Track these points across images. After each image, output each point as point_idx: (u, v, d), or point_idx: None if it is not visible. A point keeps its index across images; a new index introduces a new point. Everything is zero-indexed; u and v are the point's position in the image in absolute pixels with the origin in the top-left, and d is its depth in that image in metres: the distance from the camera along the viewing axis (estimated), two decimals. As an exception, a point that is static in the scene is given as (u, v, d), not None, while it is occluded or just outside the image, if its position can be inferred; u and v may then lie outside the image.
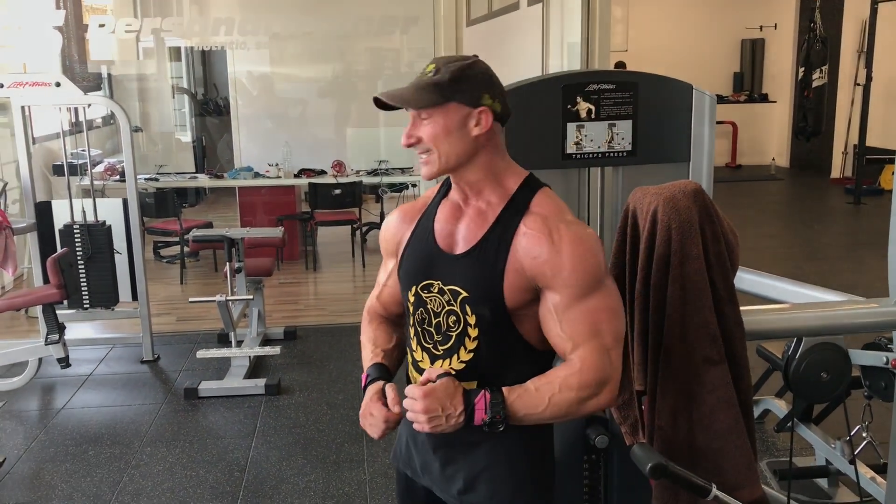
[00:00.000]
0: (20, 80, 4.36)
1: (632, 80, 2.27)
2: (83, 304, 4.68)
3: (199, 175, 7.41)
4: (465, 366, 1.58)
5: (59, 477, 3.44)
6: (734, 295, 1.79)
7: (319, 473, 3.43)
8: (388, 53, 9.67)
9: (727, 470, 1.73)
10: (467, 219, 1.58)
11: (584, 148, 2.27)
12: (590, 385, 1.48)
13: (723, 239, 1.78)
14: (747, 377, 1.80)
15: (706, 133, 2.33)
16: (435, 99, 1.50)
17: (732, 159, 12.60)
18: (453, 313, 1.57)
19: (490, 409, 1.46)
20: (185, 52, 10.13)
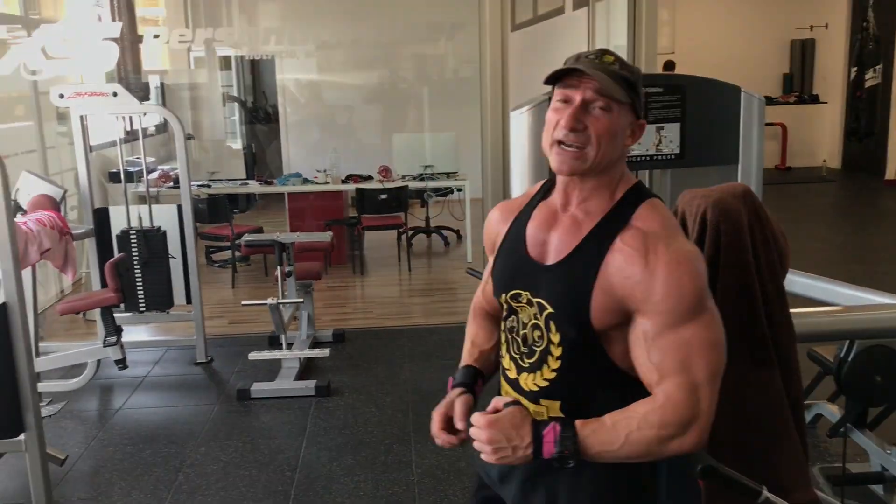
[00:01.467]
0: (79, 91, 4.50)
1: (679, 83, 2.28)
2: (139, 308, 4.81)
3: (250, 181, 7.53)
4: (549, 384, 1.49)
5: (118, 475, 3.54)
6: (784, 297, 1.79)
7: (368, 474, 3.48)
8: (434, 59, 9.74)
9: (778, 472, 1.73)
10: (561, 227, 1.48)
11: (631, 151, 2.28)
12: (672, 424, 1.34)
13: (772, 241, 1.78)
14: (798, 380, 1.80)
15: (755, 135, 2.33)
16: (621, 94, 1.40)
17: (782, 161, 12.40)
18: (538, 328, 1.49)
19: (559, 444, 1.35)
20: (235, 61, 10.33)
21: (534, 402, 1.50)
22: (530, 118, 2.25)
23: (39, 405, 2.95)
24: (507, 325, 1.56)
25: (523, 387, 1.53)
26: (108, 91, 4.52)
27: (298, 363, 4.59)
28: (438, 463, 3.54)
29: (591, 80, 1.39)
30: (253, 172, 7.99)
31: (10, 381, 2.79)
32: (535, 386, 1.50)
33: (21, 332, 2.78)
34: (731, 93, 2.32)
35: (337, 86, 9.62)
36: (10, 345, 2.78)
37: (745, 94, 2.31)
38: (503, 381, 1.60)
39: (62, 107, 4.73)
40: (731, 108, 2.32)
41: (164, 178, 7.13)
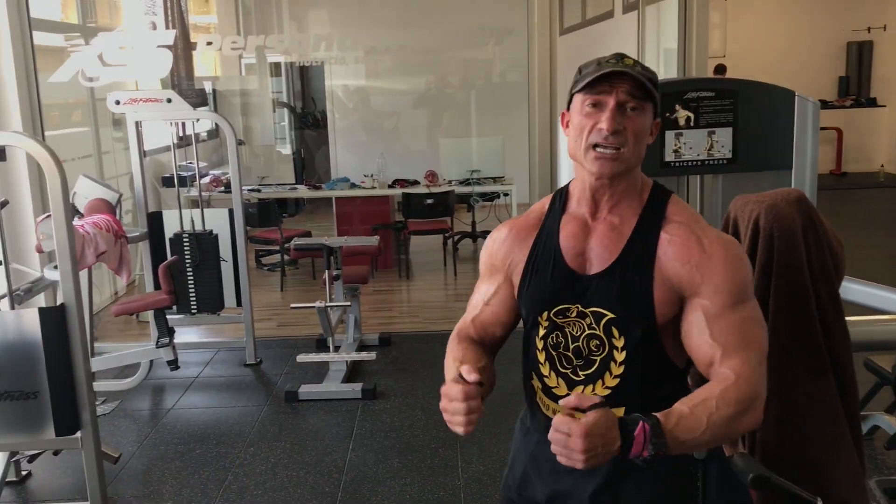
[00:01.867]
0: (135, 97, 4.61)
1: (732, 88, 2.25)
2: (191, 310, 4.90)
3: (299, 186, 7.62)
4: (610, 391, 1.48)
5: (169, 473, 3.60)
6: (839, 304, 1.75)
7: (415, 477, 3.49)
8: (481, 64, 9.75)
9: (833, 484, 1.69)
10: (599, 234, 1.49)
11: (682, 156, 2.26)
12: (746, 399, 1.36)
13: (827, 247, 1.75)
14: (854, 389, 1.77)
15: (809, 140, 2.29)
16: (650, 94, 1.43)
17: (837, 166, 12.12)
18: (596, 337, 1.48)
19: (651, 443, 1.31)
20: (284, 67, 10.47)
21: None
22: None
23: (95, 404, 3.01)
24: (548, 343, 1.53)
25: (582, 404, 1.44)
26: (162, 97, 4.62)
27: (345, 366, 4.62)
28: (485, 468, 3.54)
29: (623, 83, 1.41)
30: (302, 177, 8.07)
31: (67, 380, 2.85)
32: (596, 395, 1.46)
33: (78, 332, 2.84)
34: (784, 97, 2.28)
35: (384, 91, 9.69)
36: (68, 345, 2.84)
37: (800, 98, 2.27)
38: (546, 399, 1.56)
39: (118, 113, 4.84)
40: (784, 112, 2.28)
41: (216, 183, 7.26)
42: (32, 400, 2.85)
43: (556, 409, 1.52)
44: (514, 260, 1.57)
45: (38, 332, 2.81)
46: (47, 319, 2.81)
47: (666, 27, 5.57)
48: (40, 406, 2.85)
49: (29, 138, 2.73)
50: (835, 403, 1.69)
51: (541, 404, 1.58)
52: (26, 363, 2.83)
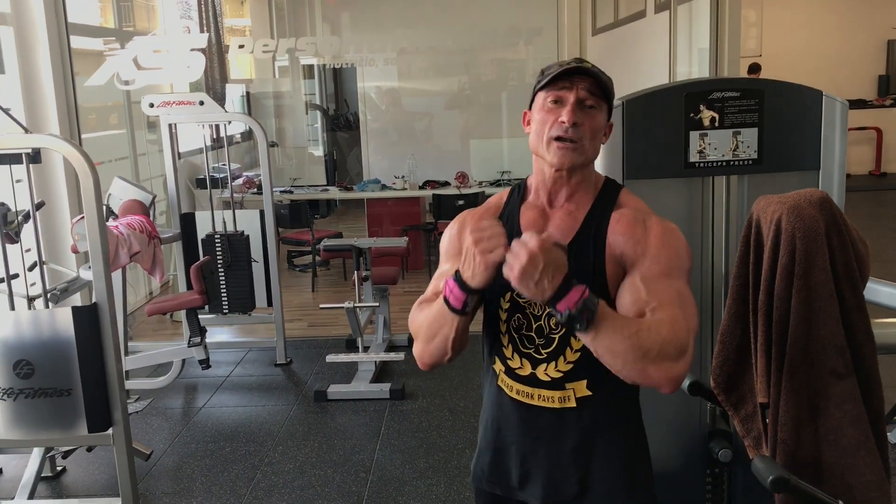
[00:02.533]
0: (168, 100, 4.68)
1: (757, 88, 2.23)
2: (223, 310, 4.96)
3: (330, 187, 7.68)
4: (572, 366, 1.56)
5: (199, 471, 3.66)
6: (864, 306, 1.73)
7: (441, 478, 3.50)
8: (513, 64, 9.73)
9: (855, 488, 1.67)
10: (556, 220, 1.60)
11: (707, 156, 2.24)
12: (674, 342, 1.38)
13: (851, 248, 1.73)
14: (879, 392, 1.74)
15: (837, 140, 2.26)
16: (607, 94, 1.57)
17: (876, 167, 11.91)
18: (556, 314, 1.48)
19: (582, 302, 1.35)
20: (317, 69, 10.55)
21: (559, 389, 1.58)
22: (602, 123, 2.23)
23: (126, 402, 3.07)
24: (511, 326, 1.60)
25: (543, 378, 1.59)
26: (194, 100, 4.69)
27: (374, 366, 4.65)
28: (471, 483, 3.53)
29: (583, 81, 1.54)
30: (334, 179, 8.13)
31: (99, 378, 2.91)
32: (559, 372, 1.58)
33: (110, 331, 2.90)
34: (812, 97, 2.25)
35: (416, 92, 9.71)
36: (100, 343, 2.89)
37: (827, 98, 2.24)
38: (509, 380, 1.62)
39: (152, 115, 4.92)
40: (812, 112, 2.24)
41: (249, 184, 7.33)
42: (66, 397, 2.91)
43: (519, 389, 1.61)
44: None
45: (71, 331, 2.86)
46: (80, 318, 2.87)
47: (698, 26, 5.51)
48: (73, 403, 2.91)
49: (63, 140, 2.78)
50: (857, 405, 1.66)
51: (503, 386, 1.65)
52: (60, 361, 2.88)
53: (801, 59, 11.95)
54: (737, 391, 1.91)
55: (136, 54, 5.11)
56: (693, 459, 2.43)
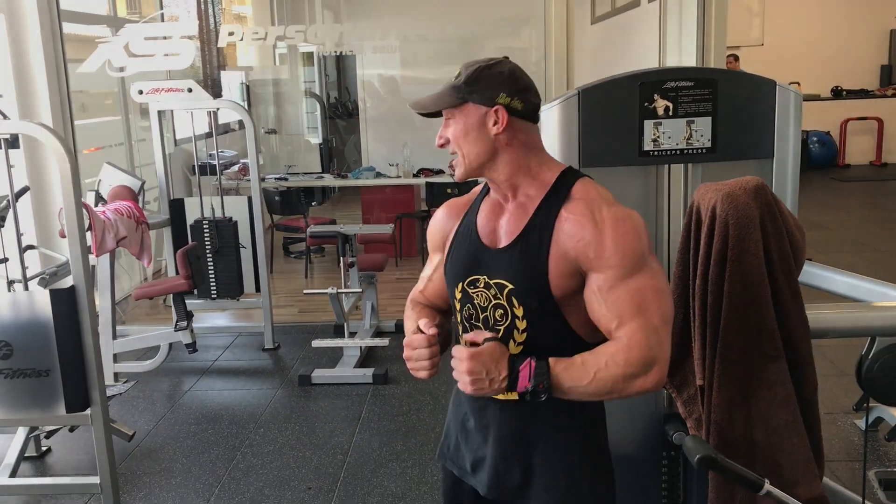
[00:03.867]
0: (157, 87, 4.74)
1: (711, 77, 2.26)
2: (211, 295, 5.03)
3: (325, 175, 7.73)
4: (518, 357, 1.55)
5: (181, 452, 3.73)
6: (798, 291, 1.77)
7: (416, 460, 3.56)
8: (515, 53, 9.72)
9: (784, 466, 1.72)
10: (508, 213, 1.60)
11: (661, 145, 2.28)
12: (636, 363, 1.44)
13: (787, 235, 1.77)
14: (811, 374, 1.78)
15: (791, 130, 2.29)
16: (450, 101, 1.55)
17: (877, 157, 11.88)
18: (500, 307, 1.58)
19: (534, 378, 1.45)
20: (317, 57, 10.58)
21: None
22: (560, 113, 2.28)
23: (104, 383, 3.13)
24: (462, 316, 1.65)
25: None
26: (183, 87, 4.74)
27: (359, 351, 4.71)
28: (437, 460, 3.59)
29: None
30: (329, 166, 8.17)
31: (77, 359, 2.97)
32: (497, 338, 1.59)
33: (88, 313, 2.96)
34: (766, 87, 2.28)
35: (415, 80, 9.73)
36: (78, 326, 2.96)
37: (781, 87, 2.27)
38: None
39: (141, 102, 4.98)
40: (766, 102, 2.28)
41: (244, 171, 7.39)
42: (44, 377, 2.97)
43: None
44: (448, 237, 1.71)
45: (49, 313, 2.93)
46: (58, 300, 2.93)
47: (687, 17, 5.52)
48: (52, 383, 2.98)
49: (39, 126, 2.84)
50: (787, 387, 1.70)
51: None
52: (38, 342, 2.95)
53: (804, 49, 11.91)
54: (680, 374, 1.96)
55: (127, 41, 5.16)
56: (650, 442, 2.47)
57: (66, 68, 5.00)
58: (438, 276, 1.74)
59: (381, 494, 3.31)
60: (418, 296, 1.82)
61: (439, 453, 1.83)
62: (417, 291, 1.83)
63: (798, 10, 12.03)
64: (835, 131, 11.84)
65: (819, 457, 1.77)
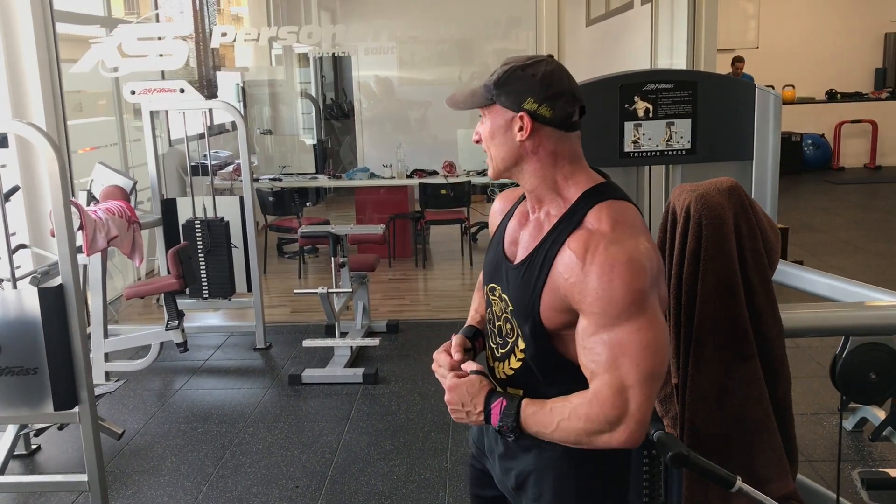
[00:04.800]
0: (149, 87, 4.76)
1: (691, 80, 2.29)
2: (203, 294, 5.05)
3: (320, 175, 7.75)
4: (514, 373, 1.58)
5: (170, 450, 3.75)
6: (771, 291, 1.79)
7: (404, 459, 3.58)
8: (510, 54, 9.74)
9: (756, 464, 1.74)
10: (530, 227, 1.55)
11: (641, 146, 2.30)
12: (596, 420, 1.38)
13: (760, 236, 1.79)
14: (785, 374, 1.81)
15: (770, 132, 2.32)
16: (480, 101, 1.49)
17: (871, 160, 11.92)
18: (508, 321, 1.56)
19: (502, 418, 1.48)
20: (312, 58, 10.60)
21: (503, 390, 1.60)
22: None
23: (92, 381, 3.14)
24: (487, 318, 1.67)
25: (497, 374, 1.63)
26: (175, 87, 4.76)
27: (350, 351, 4.73)
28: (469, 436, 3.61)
29: None
30: (323, 167, 8.20)
31: (65, 357, 2.99)
32: (504, 375, 1.60)
33: (76, 312, 2.97)
34: (745, 90, 2.31)
35: (409, 82, 9.76)
36: (66, 324, 2.97)
37: (760, 90, 2.30)
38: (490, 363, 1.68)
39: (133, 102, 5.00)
40: (745, 104, 2.31)
41: (238, 172, 7.40)
42: (32, 375, 2.99)
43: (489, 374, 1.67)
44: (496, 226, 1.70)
45: (37, 311, 2.94)
46: (46, 299, 2.95)
47: (679, 19, 5.55)
48: (40, 381, 2.99)
49: (27, 125, 2.86)
50: (759, 386, 1.73)
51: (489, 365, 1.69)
52: (27, 340, 2.96)
53: (799, 52, 11.96)
54: (657, 373, 1.98)
55: (120, 42, 5.18)
56: (631, 441, 2.50)
57: (60, 68, 5.03)
58: None
59: (368, 493, 3.32)
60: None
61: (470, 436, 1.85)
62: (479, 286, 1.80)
63: (793, 13, 12.08)
64: (829, 134, 11.88)
65: (792, 455, 1.79)
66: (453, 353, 1.62)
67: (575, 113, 1.47)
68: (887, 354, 1.83)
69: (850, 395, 1.88)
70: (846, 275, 2.31)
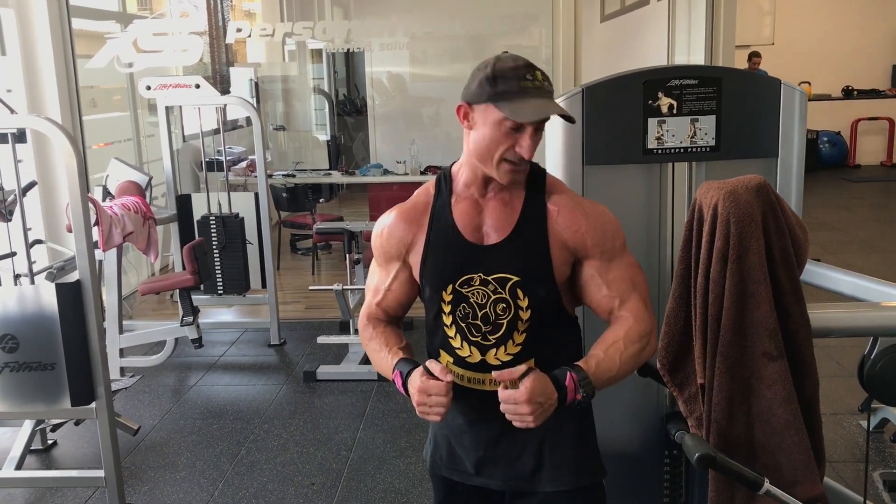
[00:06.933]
0: (164, 83, 4.75)
1: (715, 76, 2.25)
2: (217, 290, 5.04)
3: (333, 172, 7.73)
4: (520, 348, 1.62)
5: (185, 446, 3.75)
6: (799, 290, 1.76)
7: (420, 456, 3.57)
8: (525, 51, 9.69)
9: (784, 466, 1.71)
10: (491, 210, 1.63)
11: (665, 143, 2.27)
12: (644, 334, 1.60)
13: (788, 234, 1.76)
14: (813, 374, 1.78)
15: (796, 129, 2.28)
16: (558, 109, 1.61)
17: (888, 157, 11.81)
18: (502, 300, 1.60)
19: (581, 388, 1.54)
20: (325, 54, 10.60)
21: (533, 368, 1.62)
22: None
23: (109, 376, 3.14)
24: (456, 317, 1.64)
25: (493, 362, 1.63)
26: (191, 83, 4.76)
27: (364, 348, 4.71)
28: (428, 470, 3.59)
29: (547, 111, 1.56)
30: (337, 163, 8.18)
31: (82, 353, 2.99)
32: (508, 355, 1.63)
33: (93, 308, 2.97)
34: (771, 86, 2.27)
35: (423, 78, 9.73)
36: (83, 320, 2.97)
37: (786, 86, 2.26)
38: (458, 369, 1.66)
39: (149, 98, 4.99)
40: (770, 100, 2.27)
41: (252, 168, 7.39)
42: (50, 371, 2.99)
43: (469, 376, 1.65)
44: (410, 242, 1.68)
45: (55, 307, 2.94)
46: (64, 295, 2.95)
47: (696, 15, 5.50)
48: (57, 377, 2.99)
49: (46, 121, 2.85)
50: (787, 387, 1.70)
51: (456, 375, 1.66)
52: (44, 336, 2.96)
53: (815, 48, 11.86)
54: (681, 372, 1.95)
55: (135, 37, 5.18)
56: (652, 441, 2.47)
57: (75, 64, 5.03)
58: (399, 284, 1.73)
59: (384, 491, 3.31)
60: (375, 310, 1.78)
61: (431, 463, 1.83)
62: (373, 305, 1.78)
63: (809, 10, 11.97)
64: (845, 131, 11.78)
65: (820, 457, 1.76)
66: (441, 376, 1.54)
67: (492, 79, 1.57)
68: (917, 356, 1.80)
69: (880, 397, 1.85)
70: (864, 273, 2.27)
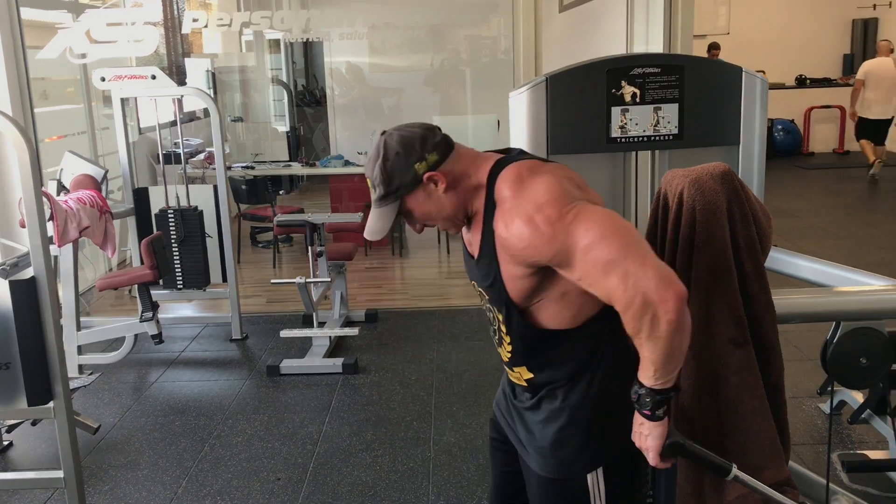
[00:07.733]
0: (120, 74, 4.65)
1: (677, 64, 2.26)
2: (177, 285, 4.96)
3: (293, 163, 7.66)
4: (511, 354, 1.72)
5: (147, 444, 3.68)
6: (764, 277, 1.78)
7: (387, 449, 3.55)
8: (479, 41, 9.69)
9: (750, 451, 1.73)
10: (472, 226, 1.69)
11: (629, 132, 2.28)
12: (640, 312, 1.41)
13: (753, 221, 1.77)
14: (778, 360, 1.80)
15: (757, 116, 2.31)
16: (392, 212, 1.62)
17: (840, 145, 12.05)
18: (490, 310, 1.73)
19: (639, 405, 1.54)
20: (284, 44, 10.47)
21: (510, 369, 1.77)
22: (527, 99, 2.27)
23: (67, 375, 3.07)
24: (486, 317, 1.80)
25: (502, 358, 1.78)
26: (146, 74, 4.66)
27: (328, 341, 4.68)
28: (455, 440, 3.60)
29: None
30: (297, 155, 8.09)
31: (39, 352, 2.91)
32: (506, 357, 1.75)
33: (49, 305, 2.90)
34: (732, 73, 2.29)
35: (383, 68, 9.66)
36: (39, 317, 2.90)
37: (747, 74, 2.28)
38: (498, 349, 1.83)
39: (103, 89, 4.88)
40: (732, 88, 2.29)
41: (210, 160, 7.29)
42: (5, 371, 2.91)
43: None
44: None
45: (9, 305, 2.86)
46: (18, 292, 2.87)
47: (655, 5, 5.53)
48: (13, 377, 2.91)
49: (-4, 114, 2.77)
50: (753, 373, 1.71)
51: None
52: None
53: (769, 38, 12.02)
54: (648, 360, 1.96)
55: (88, 27, 5.06)
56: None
57: (25, 55, 4.89)
58: None
59: (351, 484, 3.29)
60: None
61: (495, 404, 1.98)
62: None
63: (763, 0, 12.13)
64: (799, 119, 11.98)
65: (785, 441, 1.78)
66: None
67: (438, 135, 1.61)
68: (877, 339, 1.83)
69: (842, 380, 1.88)
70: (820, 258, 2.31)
